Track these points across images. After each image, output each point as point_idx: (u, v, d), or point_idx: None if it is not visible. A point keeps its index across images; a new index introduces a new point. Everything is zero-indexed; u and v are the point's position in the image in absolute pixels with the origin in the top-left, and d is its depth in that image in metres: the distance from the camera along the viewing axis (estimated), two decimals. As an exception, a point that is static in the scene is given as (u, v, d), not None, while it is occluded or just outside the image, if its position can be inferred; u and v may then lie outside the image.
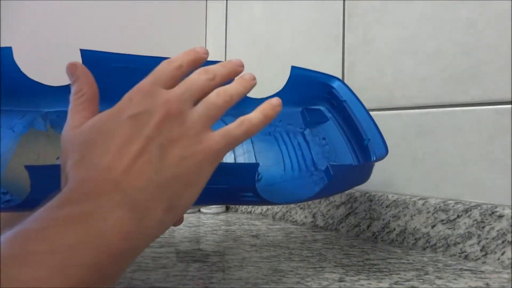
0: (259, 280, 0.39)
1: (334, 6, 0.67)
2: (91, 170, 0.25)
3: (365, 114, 0.48)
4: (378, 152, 0.45)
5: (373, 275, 0.42)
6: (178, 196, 0.27)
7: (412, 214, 0.53)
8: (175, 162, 0.27)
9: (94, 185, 0.24)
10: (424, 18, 0.55)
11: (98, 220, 0.23)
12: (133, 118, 0.27)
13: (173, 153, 0.27)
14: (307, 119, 0.53)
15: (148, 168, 0.26)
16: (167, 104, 0.28)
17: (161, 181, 0.26)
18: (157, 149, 0.26)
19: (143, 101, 0.28)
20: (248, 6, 0.85)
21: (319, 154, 0.51)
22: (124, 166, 0.25)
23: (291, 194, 0.47)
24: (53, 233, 0.21)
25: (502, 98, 0.48)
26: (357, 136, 0.48)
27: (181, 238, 0.56)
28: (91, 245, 0.22)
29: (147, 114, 0.27)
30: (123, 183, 0.25)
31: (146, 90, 0.29)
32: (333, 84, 0.51)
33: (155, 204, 0.26)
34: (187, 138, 0.28)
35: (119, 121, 0.27)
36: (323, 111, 0.53)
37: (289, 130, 0.53)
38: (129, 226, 0.24)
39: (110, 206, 0.24)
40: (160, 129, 0.27)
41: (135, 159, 0.26)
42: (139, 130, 0.27)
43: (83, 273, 0.21)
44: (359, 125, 0.48)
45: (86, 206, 0.23)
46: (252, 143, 0.52)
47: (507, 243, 0.45)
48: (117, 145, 0.26)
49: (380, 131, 0.46)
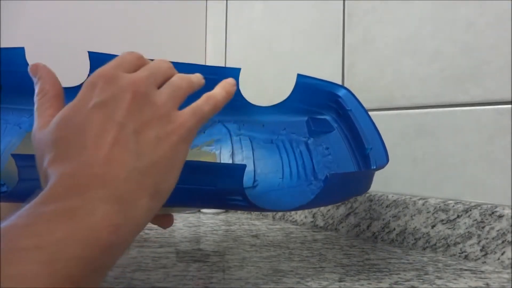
0: (259, 280, 0.39)
1: (334, 6, 0.67)
2: (72, 165, 0.25)
3: (369, 123, 0.48)
4: (379, 161, 0.45)
5: (373, 275, 0.42)
6: (161, 180, 0.27)
7: (412, 214, 0.53)
8: (152, 145, 0.27)
9: (77, 180, 0.24)
10: (424, 18, 0.56)
11: (85, 215, 0.23)
12: (100, 106, 0.27)
13: (148, 136, 0.27)
14: (311, 128, 0.52)
15: (128, 156, 0.25)
16: (133, 86, 0.27)
17: (142, 168, 0.26)
18: (132, 135, 0.26)
19: (107, 87, 0.27)
20: (248, 6, 0.85)
21: (321, 163, 0.50)
22: (103, 158, 0.25)
23: (285, 201, 0.47)
24: (39, 229, 0.21)
25: (502, 98, 0.48)
26: (360, 145, 0.48)
27: (181, 238, 0.56)
28: (79, 239, 0.22)
29: (114, 100, 0.27)
30: (105, 176, 0.24)
31: (109, 75, 0.28)
32: (339, 93, 0.51)
33: (140, 192, 0.25)
34: (159, 119, 0.28)
35: (86, 112, 0.27)
36: (329, 121, 0.53)
37: (292, 139, 0.53)
38: (117, 219, 0.24)
39: (96, 201, 0.23)
40: (131, 112, 0.27)
41: (112, 148, 0.25)
42: (109, 117, 0.26)
43: (72, 267, 0.21)
44: (363, 134, 0.47)
45: (71, 201, 0.23)
46: (252, 150, 0.52)
47: (507, 243, 0.45)
48: (91, 137, 0.26)
49: (383, 140, 0.46)
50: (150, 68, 0.30)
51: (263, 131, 0.53)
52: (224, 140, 0.52)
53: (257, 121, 0.53)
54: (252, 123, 0.53)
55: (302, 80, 0.52)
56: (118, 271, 0.41)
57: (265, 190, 0.48)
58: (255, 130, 0.53)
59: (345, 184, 0.43)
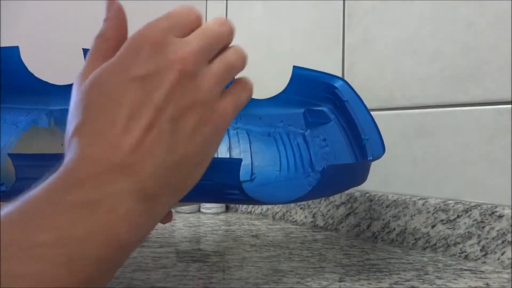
0: (259, 280, 0.39)
1: (334, 6, 0.67)
2: (96, 145, 0.22)
3: (366, 114, 0.47)
4: (375, 151, 0.44)
5: (373, 275, 0.42)
6: (187, 176, 0.25)
7: (412, 214, 0.53)
8: (187, 137, 0.24)
9: (102, 167, 0.22)
10: (424, 18, 0.55)
11: (108, 210, 0.21)
12: (141, 80, 0.23)
13: (185, 125, 0.24)
14: (308, 120, 0.52)
15: (159, 148, 0.23)
16: (181, 64, 0.24)
17: (171, 162, 0.23)
18: (169, 123, 0.23)
19: (153, 56, 0.23)
20: (248, 6, 0.85)
21: (318, 155, 0.50)
22: (132, 144, 0.22)
23: (282, 193, 0.47)
24: (60, 222, 0.20)
25: (502, 98, 0.48)
26: (357, 136, 0.47)
27: (181, 238, 0.56)
28: (100, 238, 0.20)
29: (158, 75, 0.23)
30: (132, 166, 0.22)
31: (158, 40, 0.24)
32: (336, 84, 0.50)
33: (164, 190, 0.23)
34: (200, 106, 0.24)
35: (125, 83, 0.23)
36: (326, 112, 0.52)
37: (289, 131, 0.52)
38: (138, 217, 0.22)
39: (120, 196, 0.21)
40: (173, 95, 0.23)
41: (144, 135, 0.22)
42: (148, 96, 0.23)
43: (90, 267, 0.20)
44: (359, 125, 0.47)
45: (94, 192, 0.21)
46: (250, 143, 0.52)
47: (507, 243, 0.45)
48: (123, 116, 0.22)
49: (379, 131, 0.46)
50: (208, 36, 0.25)
51: (260, 124, 0.53)
52: None
53: (254, 114, 0.53)
54: (249, 116, 0.53)
55: (298, 72, 0.51)
56: (118, 271, 0.41)
57: (263, 182, 0.48)
58: (252, 123, 0.53)
59: (342, 175, 0.43)
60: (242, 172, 0.48)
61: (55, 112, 0.47)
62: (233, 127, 0.52)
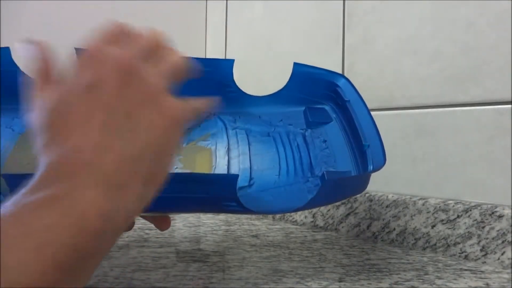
0: (259, 280, 0.39)
1: (334, 6, 0.67)
2: (60, 152, 0.24)
3: (368, 118, 0.46)
4: (376, 161, 0.44)
5: (373, 275, 0.42)
6: (154, 165, 0.26)
7: (412, 214, 0.53)
8: (144, 129, 0.25)
9: (66, 168, 0.23)
10: (424, 18, 0.56)
11: (74, 200, 0.22)
12: (89, 89, 0.25)
13: (140, 118, 0.25)
14: (309, 120, 0.51)
15: (118, 141, 0.24)
16: (121, 63, 0.26)
17: (134, 153, 0.24)
18: (123, 118, 0.25)
19: (96, 68, 0.26)
20: (248, 6, 0.85)
21: (318, 158, 0.49)
22: (93, 144, 0.24)
23: (281, 202, 0.47)
24: (26, 217, 0.20)
25: (502, 98, 0.48)
26: (358, 140, 0.47)
27: (181, 238, 0.56)
28: (67, 225, 0.21)
29: (101, 81, 0.25)
30: (95, 162, 0.23)
31: (96, 53, 0.26)
32: (338, 82, 0.49)
33: (131, 178, 0.24)
34: (151, 99, 0.26)
35: (74, 95, 0.25)
36: (328, 111, 0.51)
37: (289, 130, 0.52)
38: (106, 205, 0.22)
39: (84, 187, 0.22)
40: (120, 93, 0.25)
41: (101, 133, 0.24)
42: (99, 101, 0.25)
43: (60, 253, 0.20)
44: (360, 128, 0.46)
45: (59, 188, 0.22)
46: (249, 144, 0.51)
47: (507, 243, 0.45)
48: (80, 122, 0.24)
49: (381, 138, 0.45)
50: (138, 40, 0.28)
51: (260, 123, 0.52)
52: (220, 135, 0.51)
53: (253, 113, 0.52)
54: (248, 115, 0.52)
55: (299, 69, 0.50)
56: (118, 271, 0.41)
57: (261, 188, 0.48)
58: (252, 122, 0.52)
59: (341, 187, 0.42)
60: (240, 178, 0.47)
61: None
62: (232, 127, 0.52)
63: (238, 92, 0.51)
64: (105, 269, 0.41)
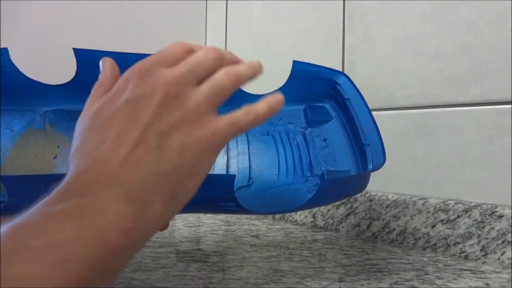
0: (259, 280, 0.39)
1: (334, 6, 0.67)
2: (88, 161, 0.24)
3: (368, 116, 0.46)
4: (375, 160, 0.43)
5: (373, 275, 0.42)
6: (179, 187, 0.26)
7: (412, 214, 0.53)
8: (176, 151, 0.25)
9: (92, 179, 0.23)
10: (424, 18, 0.56)
11: (96, 214, 0.22)
12: (129, 103, 0.26)
13: (174, 140, 0.25)
14: (309, 118, 0.51)
15: (147, 159, 0.24)
16: (166, 86, 0.26)
17: (161, 172, 0.25)
18: (156, 137, 0.25)
19: (140, 83, 0.26)
20: (248, 6, 0.85)
21: (318, 157, 0.49)
22: (122, 158, 0.24)
23: (280, 202, 0.46)
24: (49, 228, 0.21)
25: (502, 98, 0.48)
26: (358, 138, 0.46)
27: (181, 238, 0.56)
28: (89, 240, 0.21)
29: (145, 98, 0.26)
30: (121, 176, 0.24)
31: (144, 70, 0.27)
32: (338, 80, 0.49)
33: (155, 196, 0.24)
34: (189, 123, 0.26)
35: (115, 107, 0.26)
36: (328, 109, 0.51)
37: (289, 129, 0.51)
38: (128, 221, 0.23)
39: (109, 200, 0.23)
40: (159, 113, 0.25)
41: (133, 149, 0.24)
42: (136, 116, 0.25)
43: (82, 269, 0.20)
44: (360, 127, 0.46)
45: (83, 200, 0.22)
46: (248, 143, 0.51)
47: (507, 243, 0.45)
48: (114, 134, 0.25)
49: (381, 136, 0.44)
50: (191, 61, 0.28)
51: None
52: None
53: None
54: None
55: (298, 67, 0.50)
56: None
57: (260, 188, 0.47)
58: None
59: (340, 185, 0.42)
60: (239, 177, 0.47)
61: (49, 113, 0.46)
62: None
63: (237, 91, 0.51)
64: (105, 269, 0.41)
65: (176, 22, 0.94)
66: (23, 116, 0.46)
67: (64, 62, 0.31)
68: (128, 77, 0.27)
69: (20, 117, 0.45)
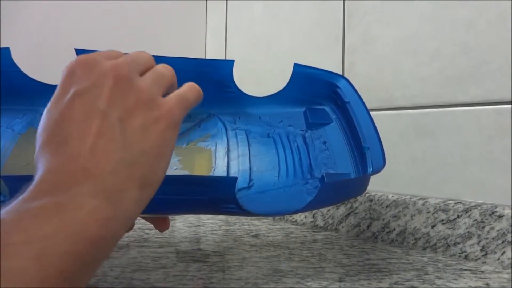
0: (259, 280, 0.39)
1: (334, 6, 0.67)
2: (57, 158, 0.24)
3: (368, 119, 0.46)
4: (375, 163, 0.43)
5: (373, 275, 0.42)
6: (150, 170, 0.26)
7: (412, 214, 0.53)
8: (139, 134, 0.26)
9: (64, 176, 0.23)
10: (424, 18, 0.56)
11: (73, 210, 0.22)
12: (80, 94, 0.25)
13: (135, 123, 0.26)
14: (309, 120, 0.51)
15: (113, 147, 0.24)
16: (114, 70, 0.26)
17: (129, 158, 0.25)
18: (117, 124, 0.25)
19: (86, 73, 0.26)
20: (248, 6, 0.85)
21: (318, 159, 0.49)
22: (89, 150, 0.24)
23: (280, 204, 0.47)
24: (27, 225, 0.21)
25: (502, 98, 0.48)
26: (358, 142, 0.46)
27: (181, 238, 0.56)
28: (67, 234, 0.21)
29: (95, 86, 0.26)
30: (92, 169, 0.24)
31: (86, 60, 0.27)
32: (338, 83, 0.49)
33: (128, 184, 0.25)
34: (144, 105, 0.26)
35: (67, 102, 0.25)
36: (328, 112, 0.51)
37: (289, 131, 0.51)
38: (105, 212, 0.23)
39: (83, 195, 0.23)
40: (114, 99, 0.25)
41: (97, 139, 0.24)
42: (91, 106, 0.25)
43: (61, 262, 0.20)
44: (360, 130, 0.46)
45: (57, 197, 0.22)
46: (248, 145, 0.51)
47: (507, 243, 0.45)
48: (74, 128, 0.25)
49: (381, 140, 0.45)
50: (131, 56, 0.29)
51: (259, 124, 0.52)
52: (220, 135, 0.51)
53: (253, 113, 0.52)
54: (248, 115, 0.52)
55: (299, 70, 0.50)
56: (118, 271, 0.41)
57: (261, 190, 0.48)
58: (251, 123, 0.52)
59: (340, 188, 0.42)
60: (240, 179, 0.47)
61: None
62: (232, 128, 0.52)
63: (238, 93, 0.51)
64: (105, 269, 0.41)
65: (176, 22, 0.94)
66: (24, 115, 0.46)
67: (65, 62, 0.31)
68: (71, 71, 0.27)
69: (21, 116, 0.45)
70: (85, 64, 0.26)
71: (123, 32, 0.86)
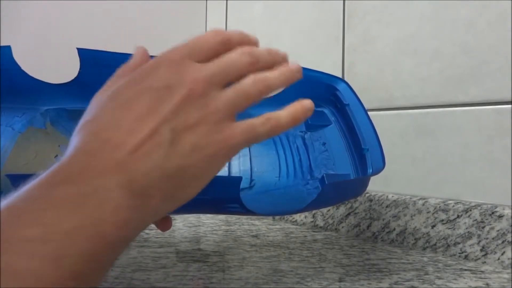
0: (259, 280, 0.39)
1: (334, 6, 0.67)
2: (95, 141, 0.24)
3: (367, 122, 0.46)
4: (375, 164, 0.44)
5: (373, 275, 0.42)
6: (181, 188, 0.25)
7: (412, 214, 0.53)
8: (186, 150, 0.25)
9: (96, 162, 0.23)
10: (424, 18, 0.55)
11: (96, 205, 0.21)
12: (153, 91, 0.25)
13: (187, 140, 0.25)
14: (308, 122, 0.51)
15: (157, 152, 0.24)
16: (193, 84, 0.25)
17: (167, 169, 0.24)
18: (170, 133, 0.24)
19: (169, 73, 0.26)
20: (248, 6, 0.85)
21: (318, 160, 0.50)
22: (132, 146, 0.23)
23: (281, 204, 0.47)
24: (46, 217, 0.20)
25: (502, 98, 0.48)
26: (357, 143, 0.47)
27: (181, 238, 0.56)
28: (87, 233, 0.20)
29: (169, 91, 0.25)
30: (127, 164, 0.23)
31: (175, 61, 0.26)
32: (338, 86, 0.50)
33: (155, 191, 0.24)
34: (205, 125, 0.25)
35: (139, 90, 0.25)
36: (327, 114, 0.51)
37: (288, 133, 0.52)
38: (126, 214, 0.22)
39: (109, 190, 0.22)
40: (178, 110, 0.25)
41: (145, 139, 0.24)
42: (156, 107, 0.24)
43: (77, 263, 0.20)
44: (359, 132, 0.46)
45: (83, 186, 0.22)
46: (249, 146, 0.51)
47: (507, 243, 0.45)
48: (131, 120, 0.24)
49: (380, 141, 0.45)
50: (224, 62, 0.27)
51: None
52: None
53: (253, 115, 0.52)
54: (247, 116, 0.52)
55: None
56: (118, 271, 0.41)
57: (262, 190, 0.48)
58: None
59: (340, 189, 0.42)
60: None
61: (50, 111, 0.46)
62: None
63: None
64: (105, 269, 0.41)
65: (176, 22, 0.94)
66: (24, 114, 0.45)
67: (66, 61, 0.31)
68: (158, 64, 0.26)
69: (21, 115, 0.45)
70: (171, 64, 0.26)
71: (123, 32, 0.86)
